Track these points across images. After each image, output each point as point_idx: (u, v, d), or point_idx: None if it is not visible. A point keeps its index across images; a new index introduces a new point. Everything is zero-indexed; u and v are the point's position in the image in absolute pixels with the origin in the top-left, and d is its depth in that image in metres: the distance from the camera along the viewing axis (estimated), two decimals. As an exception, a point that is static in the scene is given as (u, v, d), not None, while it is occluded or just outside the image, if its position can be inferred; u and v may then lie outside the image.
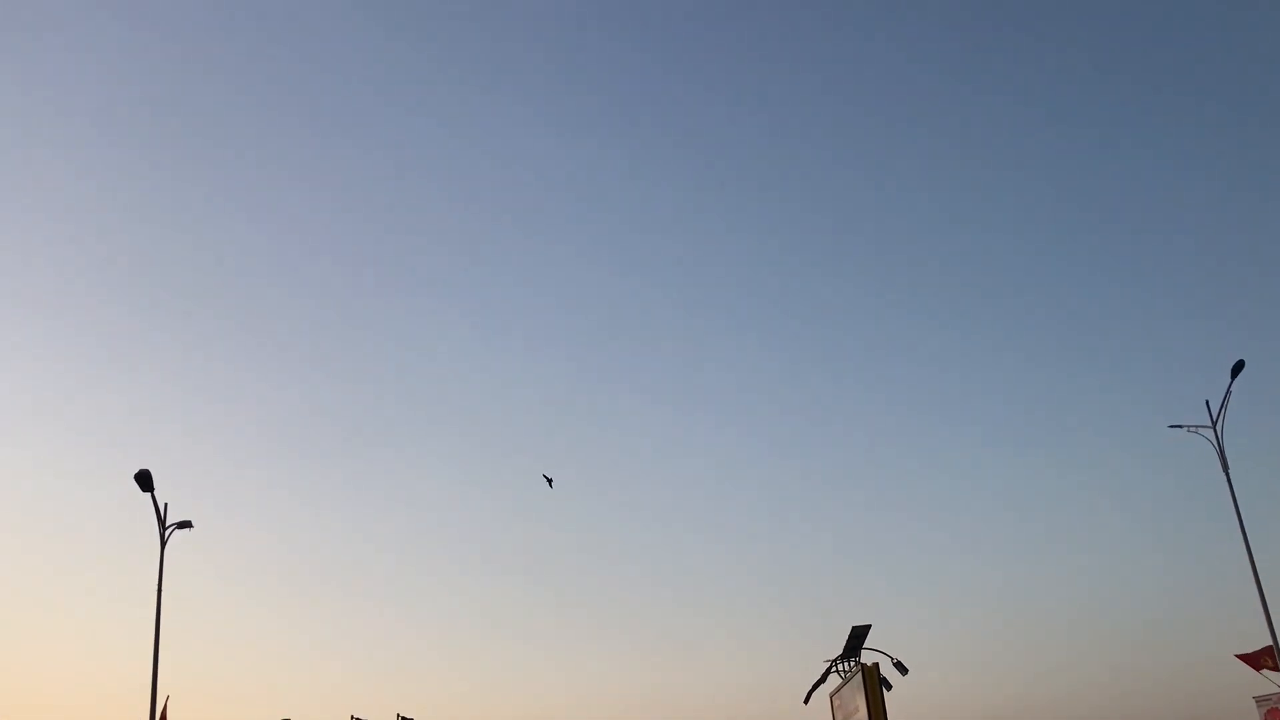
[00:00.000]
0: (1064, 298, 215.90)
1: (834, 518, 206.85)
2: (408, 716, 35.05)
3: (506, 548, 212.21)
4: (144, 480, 30.94)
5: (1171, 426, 34.54)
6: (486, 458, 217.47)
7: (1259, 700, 41.84)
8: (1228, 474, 33.25)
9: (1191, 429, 33.93)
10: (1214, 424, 33.45)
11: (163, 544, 31.68)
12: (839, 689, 28.21)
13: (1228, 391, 33.07)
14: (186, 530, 32.18)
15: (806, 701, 31.04)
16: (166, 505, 32.01)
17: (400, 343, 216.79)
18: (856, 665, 26.96)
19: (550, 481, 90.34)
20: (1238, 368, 32.56)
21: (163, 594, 31.40)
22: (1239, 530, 32.74)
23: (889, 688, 26.24)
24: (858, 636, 28.41)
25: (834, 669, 29.47)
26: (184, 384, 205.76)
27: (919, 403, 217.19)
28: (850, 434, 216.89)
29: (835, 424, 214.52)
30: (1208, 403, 33.82)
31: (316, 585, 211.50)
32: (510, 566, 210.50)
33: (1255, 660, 34.00)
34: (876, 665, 25.47)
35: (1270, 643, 32.16)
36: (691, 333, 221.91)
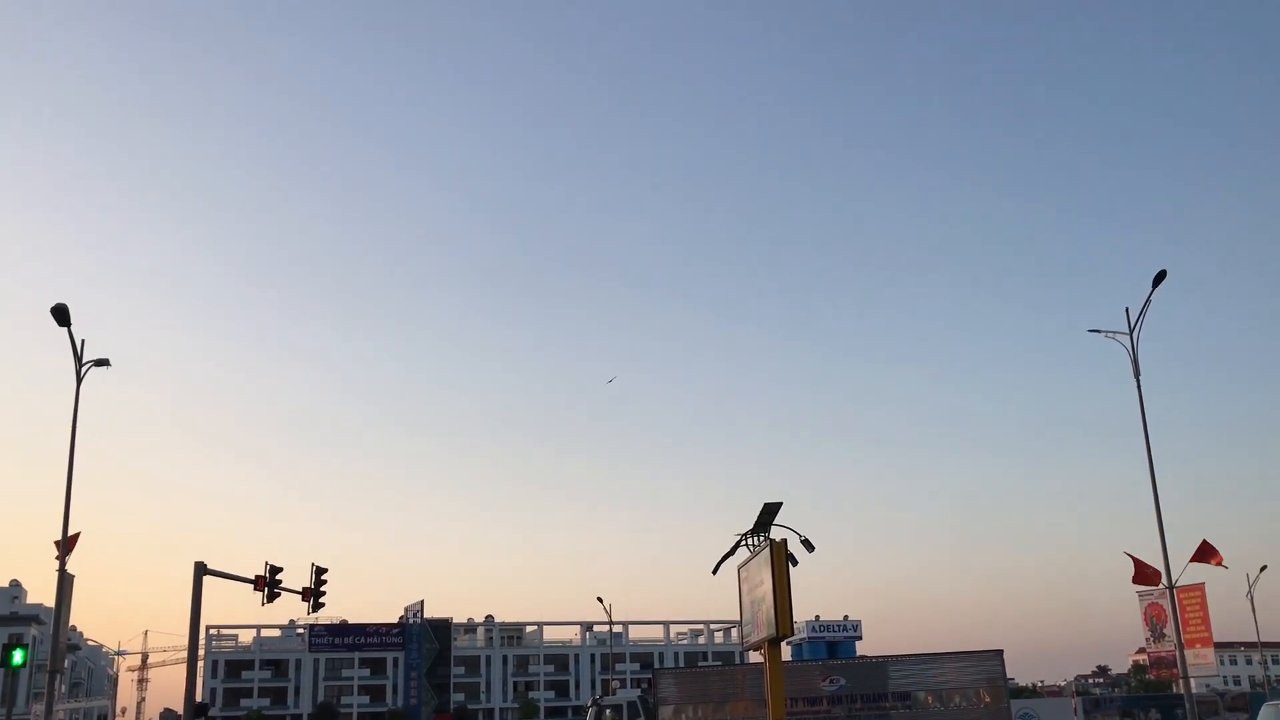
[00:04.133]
0: (995, 203, 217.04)
1: (761, 408, 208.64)
2: (322, 566, 35.37)
3: (425, 401, 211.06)
4: (61, 315, 30.17)
5: (1090, 331, 35.34)
6: (405, 315, 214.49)
7: (1141, 594, 44.01)
8: (1138, 380, 34.18)
9: (1109, 334, 34.70)
10: (1131, 331, 34.22)
11: (79, 380, 31.10)
12: (747, 562, 28.97)
13: (1147, 300, 33.78)
14: (104, 369, 31.58)
15: (715, 572, 31.84)
16: (84, 341, 31.34)
17: (339, 191, 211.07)
18: (765, 540, 27.62)
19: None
20: (1159, 277, 33.17)
21: (77, 431, 30.99)
22: (1143, 434, 33.84)
23: (795, 563, 27.00)
24: (769, 513, 29.06)
25: (744, 543, 30.15)
26: (109, 219, 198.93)
27: (845, 297, 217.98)
28: (781, 329, 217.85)
29: (770, 315, 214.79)
30: (1127, 310, 34.57)
31: (235, 431, 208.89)
32: (430, 421, 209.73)
33: (1142, 572, 35.40)
34: (784, 541, 26.16)
35: (1159, 540, 33.52)
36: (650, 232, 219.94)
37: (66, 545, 29.45)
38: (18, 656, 32.01)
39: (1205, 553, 35.61)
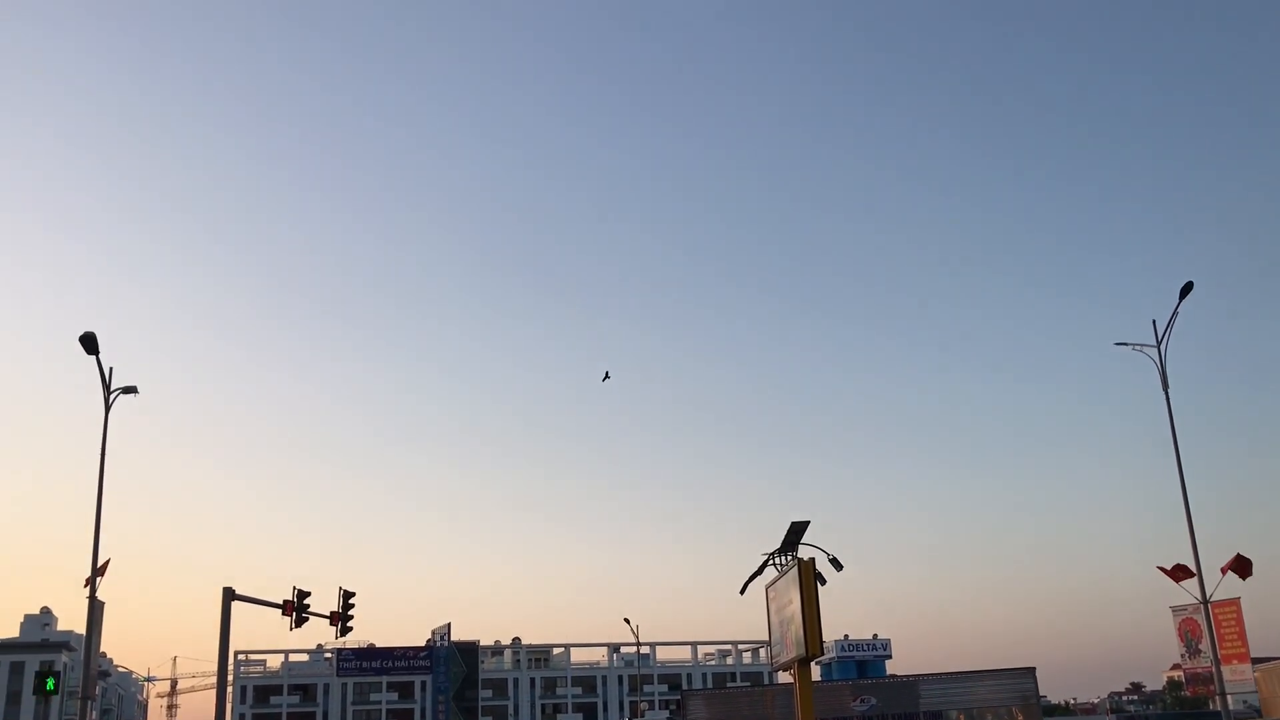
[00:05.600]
0: (1022, 214, 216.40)
1: (786, 427, 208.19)
2: (350, 590, 35.44)
3: (452, 424, 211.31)
4: (89, 343, 30.46)
5: (1117, 344, 35.10)
6: (435, 340, 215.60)
7: (1175, 610, 43.47)
8: (1167, 393, 33.91)
9: (1136, 347, 34.47)
10: (1159, 344, 33.98)
11: (107, 408, 31.38)
12: (775, 581, 28.82)
13: (1174, 312, 33.56)
14: (132, 395, 31.86)
15: (743, 592, 31.69)
16: (112, 369, 31.64)
17: (363, 226, 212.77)
18: (793, 559, 27.47)
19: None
20: (1186, 289, 32.99)
21: (106, 458, 31.22)
22: (1173, 447, 33.54)
23: (823, 582, 26.83)
24: (796, 531, 28.89)
25: (771, 562, 30.01)
26: (138, 248, 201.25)
27: (871, 314, 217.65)
28: (806, 345, 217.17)
29: (791, 327, 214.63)
30: (1154, 322, 34.34)
31: (262, 456, 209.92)
32: (456, 443, 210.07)
33: (1174, 573, 35.16)
34: (812, 560, 25.99)
35: (1192, 554, 33.22)
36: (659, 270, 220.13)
37: (97, 572, 29.63)
38: (50, 684, 32.23)
39: (1238, 564, 35.21)
